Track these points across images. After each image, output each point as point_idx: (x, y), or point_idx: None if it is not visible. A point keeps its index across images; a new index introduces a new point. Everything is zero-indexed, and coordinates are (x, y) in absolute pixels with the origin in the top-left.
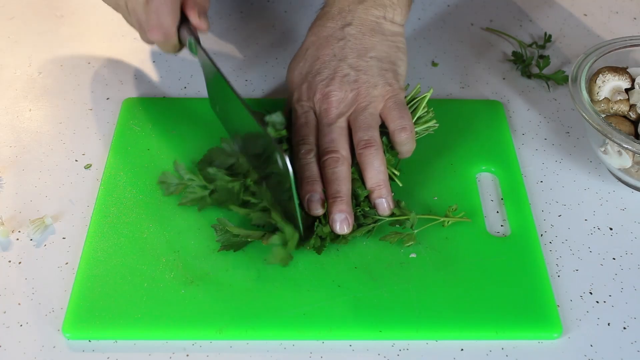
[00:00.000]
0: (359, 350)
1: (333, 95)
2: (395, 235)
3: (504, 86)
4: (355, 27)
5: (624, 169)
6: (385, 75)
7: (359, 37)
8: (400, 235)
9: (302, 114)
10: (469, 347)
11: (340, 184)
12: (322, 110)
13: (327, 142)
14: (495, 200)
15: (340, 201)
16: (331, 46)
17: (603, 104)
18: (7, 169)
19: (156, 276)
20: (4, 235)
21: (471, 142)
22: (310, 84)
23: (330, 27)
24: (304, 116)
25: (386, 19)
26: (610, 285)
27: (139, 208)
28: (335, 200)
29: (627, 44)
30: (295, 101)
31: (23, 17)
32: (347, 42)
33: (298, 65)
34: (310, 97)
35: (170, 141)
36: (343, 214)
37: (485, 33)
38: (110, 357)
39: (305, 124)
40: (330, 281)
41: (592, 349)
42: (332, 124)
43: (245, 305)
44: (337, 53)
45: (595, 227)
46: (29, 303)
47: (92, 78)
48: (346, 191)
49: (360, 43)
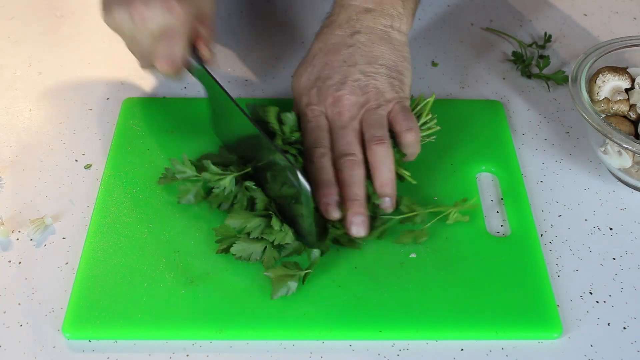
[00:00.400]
0: (359, 350)
1: (345, 99)
2: (409, 234)
3: (504, 86)
4: (364, 35)
5: (624, 169)
6: (393, 83)
7: (369, 45)
8: (413, 234)
9: (314, 118)
10: (469, 347)
11: (358, 187)
12: (335, 113)
13: (344, 144)
14: (495, 200)
15: (358, 204)
16: (340, 53)
17: (603, 104)
18: (7, 169)
19: (156, 276)
20: (4, 235)
21: (471, 142)
22: (321, 88)
23: (338, 35)
24: (316, 120)
25: (393, 28)
26: (610, 285)
27: (139, 208)
28: (353, 203)
29: (627, 44)
30: (305, 106)
31: (23, 17)
32: (357, 49)
33: (306, 71)
34: (321, 101)
35: (170, 141)
36: (361, 217)
37: (485, 33)
38: (110, 357)
39: (317, 127)
40: (330, 281)
41: (592, 349)
42: (346, 126)
43: (245, 305)
44: (346, 59)
45: (595, 227)
46: (29, 303)
47: (92, 78)
48: (363, 194)
49: (369, 51)
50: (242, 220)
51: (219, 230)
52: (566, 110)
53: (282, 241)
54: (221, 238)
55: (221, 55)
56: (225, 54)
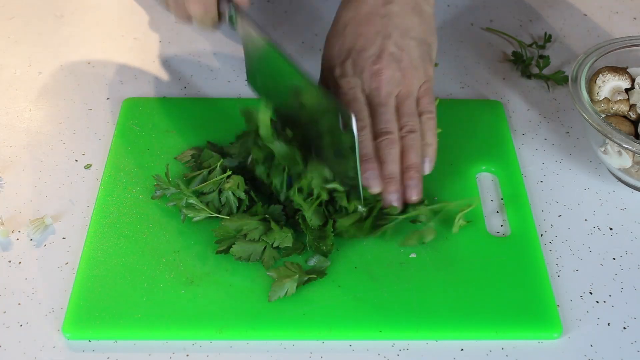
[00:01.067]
0: (359, 350)
1: (382, 73)
2: (414, 235)
3: (504, 86)
4: (397, 5)
5: (624, 169)
6: (424, 59)
7: (402, 16)
8: (419, 233)
9: (350, 90)
10: (469, 347)
11: (395, 166)
12: (373, 88)
13: (383, 122)
14: (495, 200)
15: (395, 182)
16: (374, 23)
17: (603, 104)
18: (7, 169)
19: (156, 276)
20: (4, 235)
21: (471, 142)
22: (356, 60)
23: (371, 4)
24: (352, 92)
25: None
26: (610, 285)
27: (139, 208)
28: (390, 180)
29: (627, 44)
30: (339, 77)
31: (23, 17)
32: (390, 20)
33: (338, 42)
34: (356, 73)
35: (170, 141)
36: (397, 194)
37: (485, 33)
38: (110, 357)
39: (355, 100)
40: (330, 281)
41: (592, 349)
42: (385, 104)
43: (245, 305)
44: (380, 30)
45: (595, 227)
46: (29, 303)
47: (92, 78)
48: (398, 172)
49: (402, 22)
50: (239, 223)
51: (219, 230)
52: (566, 110)
53: (281, 243)
54: (221, 238)
55: (221, 54)
56: (226, 53)
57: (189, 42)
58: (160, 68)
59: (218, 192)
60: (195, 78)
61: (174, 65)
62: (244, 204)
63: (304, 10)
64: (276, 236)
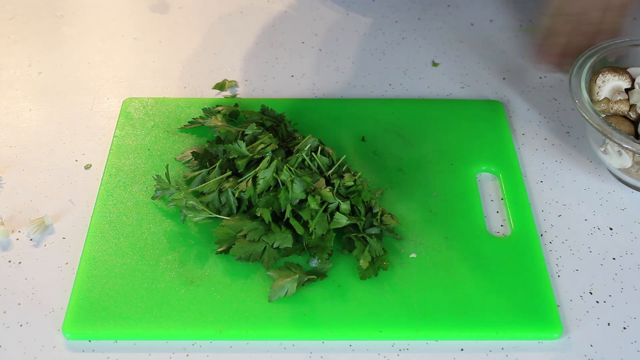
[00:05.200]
0: (359, 350)
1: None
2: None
3: (504, 86)
4: None
5: (624, 169)
6: None
7: None
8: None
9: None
10: (469, 347)
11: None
12: None
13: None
14: (496, 200)
15: None
16: None
17: (603, 104)
18: (7, 169)
19: (156, 276)
20: (4, 235)
21: (471, 142)
22: None
23: None
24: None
25: None
26: (610, 285)
27: (139, 208)
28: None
29: (627, 44)
30: None
31: (23, 17)
32: None
33: None
34: None
35: (170, 141)
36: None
37: (485, 33)
38: (110, 357)
39: None
40: (330, 281)
41: (592, 349)
42: None
43: (245, 305)
44: None
45: (595, 227)
46: (29, 303)
47: (92, 78)
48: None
49: None
50: (239, 224)
51: (219, 231)
52: (566, 110)
53: (281, 244)
54: (221, 239)
55: (221, 54)
56: (226, 53)
57: (188, 42)
58: (160, 68)
59: (218, 193)
60: (195, 78)
61: (174, 65)
62: (244, 204)
63: (304, 10)
64: (276, 237)
